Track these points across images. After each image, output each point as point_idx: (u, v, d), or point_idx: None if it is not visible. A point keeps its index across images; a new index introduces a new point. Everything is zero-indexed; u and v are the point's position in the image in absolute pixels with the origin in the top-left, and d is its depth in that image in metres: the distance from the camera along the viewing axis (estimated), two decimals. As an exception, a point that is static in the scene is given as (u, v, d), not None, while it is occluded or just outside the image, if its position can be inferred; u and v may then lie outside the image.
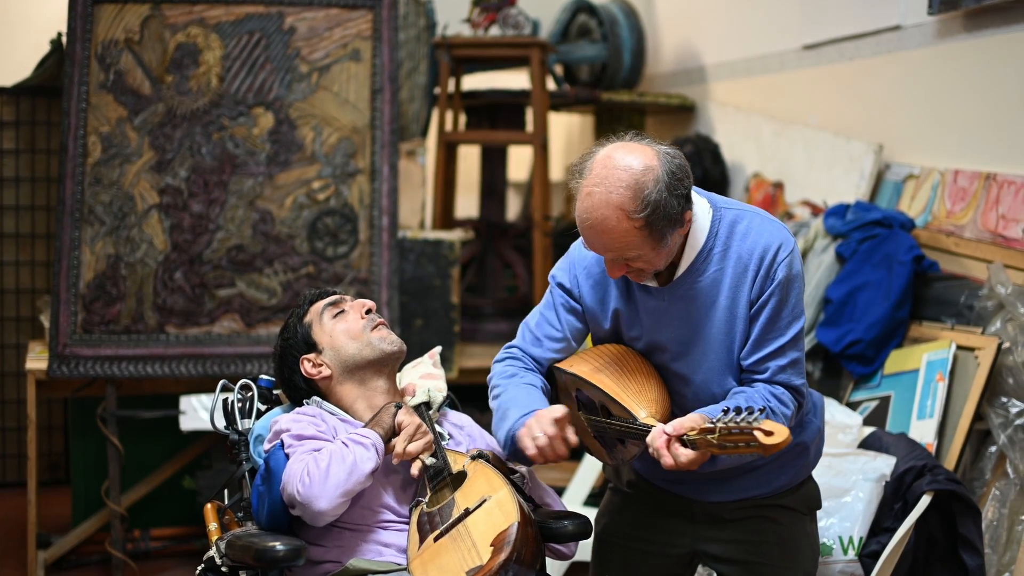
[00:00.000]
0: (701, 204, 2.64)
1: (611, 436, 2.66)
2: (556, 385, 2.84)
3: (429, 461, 2.75)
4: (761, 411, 2.27)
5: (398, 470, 2.79)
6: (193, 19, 4.80)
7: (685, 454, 2.40)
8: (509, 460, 2.76)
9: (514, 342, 2.88)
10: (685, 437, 2.40)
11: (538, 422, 2.60)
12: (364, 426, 2.75)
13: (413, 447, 2.72)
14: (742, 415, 2.28)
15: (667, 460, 2.42)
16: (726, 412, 2.31)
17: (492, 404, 2.80)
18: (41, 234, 5.93)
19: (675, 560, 2.87)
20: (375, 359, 2.90)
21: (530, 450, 2.59)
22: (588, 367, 2.71)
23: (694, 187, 2.60)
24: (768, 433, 2.22)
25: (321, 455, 2.63)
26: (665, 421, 2.53)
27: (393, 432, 2.74)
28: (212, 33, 4.82)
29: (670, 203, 2.46)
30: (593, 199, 2.47)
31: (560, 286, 2.80)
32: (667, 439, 2.42)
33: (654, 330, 2.68)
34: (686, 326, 2.64)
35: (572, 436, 2.61)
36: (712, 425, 2.32)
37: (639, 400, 2.59)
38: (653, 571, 2.89)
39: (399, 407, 2.78)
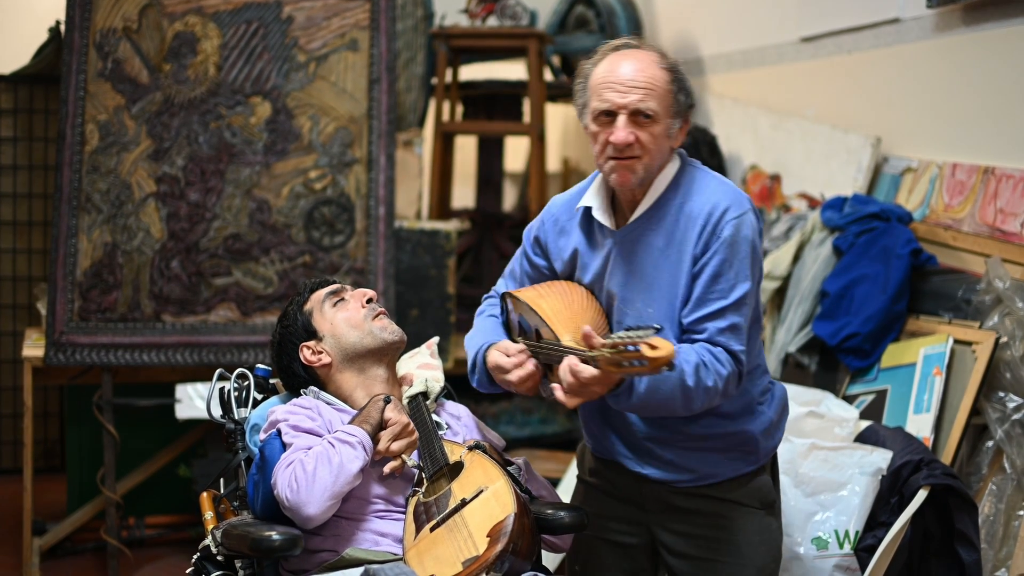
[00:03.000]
0: (674, 160, 2.73)
1: (542, 362, 2.69)
2: (507, 317, 2.91)
3: (411, 462, 2.75)
4: (657, 330, 2.30)
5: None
6: (191, 8, 4.79)
7: (579, 369, 2.44)
8: (480, 386, 2.84)
9: (496, 286, 3.03)
10: (587, 354, 2.43)
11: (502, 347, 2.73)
12: (352, 420, 2.75)
13: (396, 446, 2.73)
14: (633, 331, 2.31)
15: (567, 376, 2.47)
16: (627, 330, 2.34)
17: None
18: (38, 222, 5.92)
19: (638, 551, 2.90)
20: (376, 348, 2.91)
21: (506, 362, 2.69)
22: (532, 293, 2.78)
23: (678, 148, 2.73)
24: (653, 347, 2.26)
25: (308, 459, 2.62)
26: None
27: (381, 426, 2.74)
28: (210, 22, 4.81)
29: (687, 85, 2.66)
30: (625, 50, 2.66)
31: (529, 234, 2.93)
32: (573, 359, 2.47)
33: (606, 273, 2.74)
34: (633, 274, 2.70)
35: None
36: (611, 340, 2.35)
37: (568, 326, 2.61)
38: (618, 562, 2.91)
39: (388, 400, 2.78)
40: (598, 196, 2.76)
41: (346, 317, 2.94)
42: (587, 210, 2.78)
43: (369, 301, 2.98)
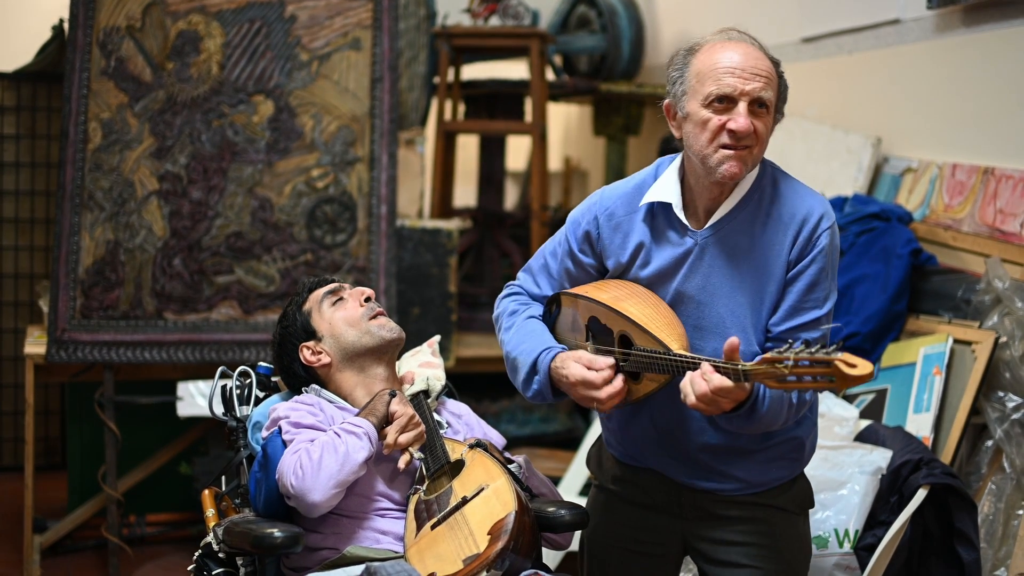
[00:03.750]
0: None
1: (627, 369, 2.53)
2: (556, 318, 2.76)
3: (417, 455, 2.75)
4: (838, 346, 2.13)
5: (395, 458, 2.80)
6: (194, 7, 4.79)
7: (720, 380, 2.29)
8: (536, 397, 2.66)
9: (517, 280, 2.86)
10: (731, 366, 2.28)
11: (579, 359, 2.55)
12: (358, 414, 2.76)
13: (404, 438, 2.73)
14: (815, 347, 2.14)
15: (701, 386, 2.30)
16: (790, 344, 2.18)
17: (502, 338, 2.76)
18: (41, 219, 5.93)
19: (667, 560, 2.80)
20: (374, 346, 2.91)
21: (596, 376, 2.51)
22: (608, 295, 2.59)
23: None
24: (851, 365, 2.07)
25: (313, 447, 2.63)
26: None
27: (387, 420, 2.74)
28: (213, 21, 4.81)
29: (785, 80, 2.58)
30: (737, 39, 2.56)
31: (575, 229, 2.74)
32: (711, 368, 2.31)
33: (679, 276, 2.59)
34: (717, 274, 2.57)
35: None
36: (780, 355, 2.17)
37: (670, 332, 2.46)
38: (645, 573, 2.81)
39: (393, 395, 2.78)
40: (675, 192, 2.62)
41: (344, 316, 2.94)
42: (655, 206, 2.63)
43: (367, 300, 2.97)
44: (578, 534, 2.94)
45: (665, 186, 2.62)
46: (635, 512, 2.79)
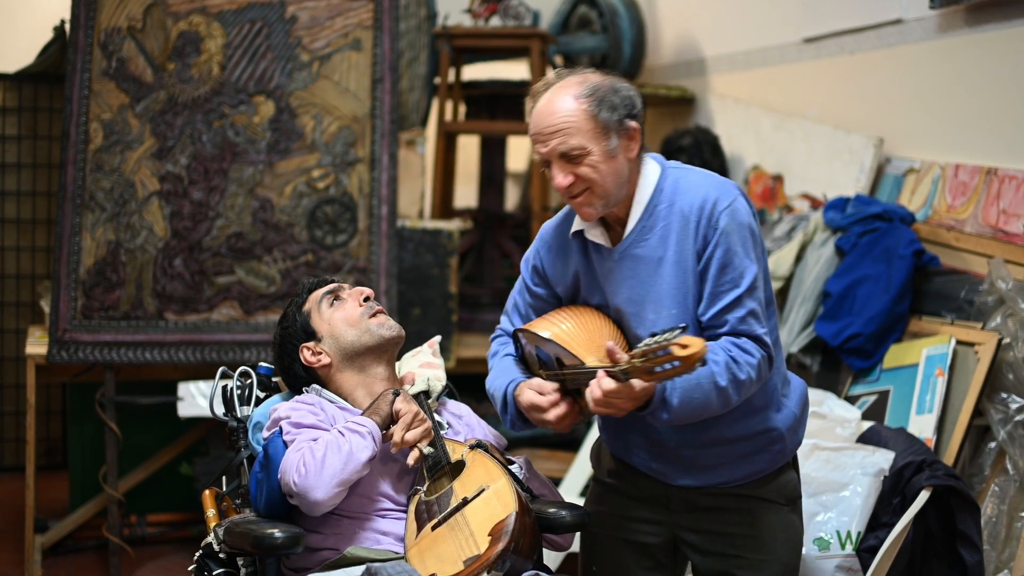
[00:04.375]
0: (651, 164, 2.70)
1: (571, 389, 2.67)
2: (522, 352, 2.89)
3: (427, 450, 2.74)
4: (683, 329, 2.29)
5: (397, 458, 2.79)
6: (195, 7, 4.79)
7: (607, 384, 2.44)
8: (513, 427, 2.80)
9: (500, 323, 2.99)
10: (616, 369, 2.42)
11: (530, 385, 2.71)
12: (362, 414, 2.75)
13: (411, 435, 2.72)
14: (658, 335, 2.31)
15: (595, 392, 2.47)
16: (652, 335, 2.34)
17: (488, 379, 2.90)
18: (42, 220, 5.93)
19: (658, 549, 2.87)
20: (374, 345, 2.91)
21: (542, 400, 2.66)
22: (544, 323, 2.74)
23: (652, 153, 2.72)
24: (684, 346, 2.25)
25: (317, 445, 2.63)
26: None
27: (391, 419, 2.74)
28: (214, 21, 4.81)
29: (613, 98, 2.59)
30: (545, 92, 2.64)
31: (527, 265, 2.90)
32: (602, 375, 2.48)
33: (611, 293, 2.71)
34: (638, 285, 2.66)
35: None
36: (639, 350, 2.35)
37: (588, 347, 2.60)
38: (638, 561, 2.88)
39: (397, 394, 2.78)
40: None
41: (343, 316, 2.94)
42: (581, 232, 2.75)
43: (367, 299, 2.97)
44: (579, 534, 2.96)
45: None
46: (627, 503, 2.87)
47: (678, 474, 2.77)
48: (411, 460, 2.73)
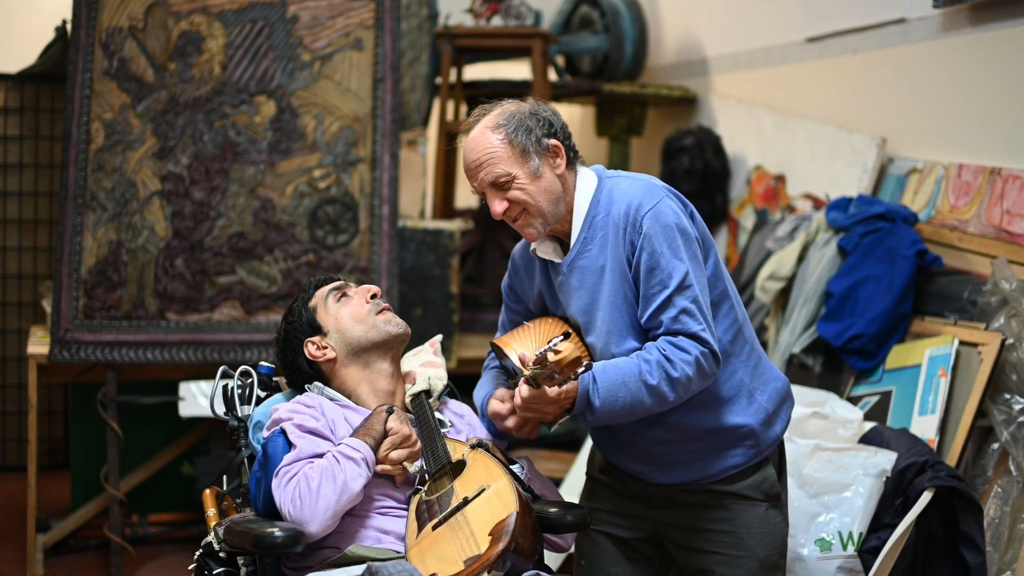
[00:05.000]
0: (588, 176, 2.80)
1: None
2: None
3: (412, 468, 2.75)
4: (564, 336, 2.51)
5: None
6: (196, 7, 4.79)
7: (524, 392, 2.59)
8: (495, 435, 2.92)
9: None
10: (528, 375, 2.54)
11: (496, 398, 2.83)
12: (356, 431, 2.75)
13: (396, 454, 2.74)
14: (547, 344, 2.47)
15: (516, 399, 2.64)
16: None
17: None
18: (43, 220, 5.93)
19: (645, 544, 2.95)
20: (380, 341, 2.92)
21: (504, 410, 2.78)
22: (507, 336, 2.90)
23: (592, 166, 2.83)
24: (556, 352, 2.48)
25: (312, 473, 2.63)
26: None
27: (384, 437, 2.75)
28: (215, 21, 4.81)
29: (530, 122, 2.72)
30: (470, 131, 2.78)
31: (505, 284, 3.04)
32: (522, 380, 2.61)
33: (565, 305, 2.82)
34: (586, 294, 2.75)
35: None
36: (534, 359, 2.49)
37: (519, 349, 2.77)
38: (625, 554, 2.95)
39: (391, 412, 2.78)
40: (543, 236, 2.82)
41: (351, 312, 2.94)
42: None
43: (373, 297, 2.98)
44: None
45: None
46: (615, 500, 2.96)
47: (656, 472, 2.84)
48: (398, 479, 2.76)
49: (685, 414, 2.74)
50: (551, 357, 2.44)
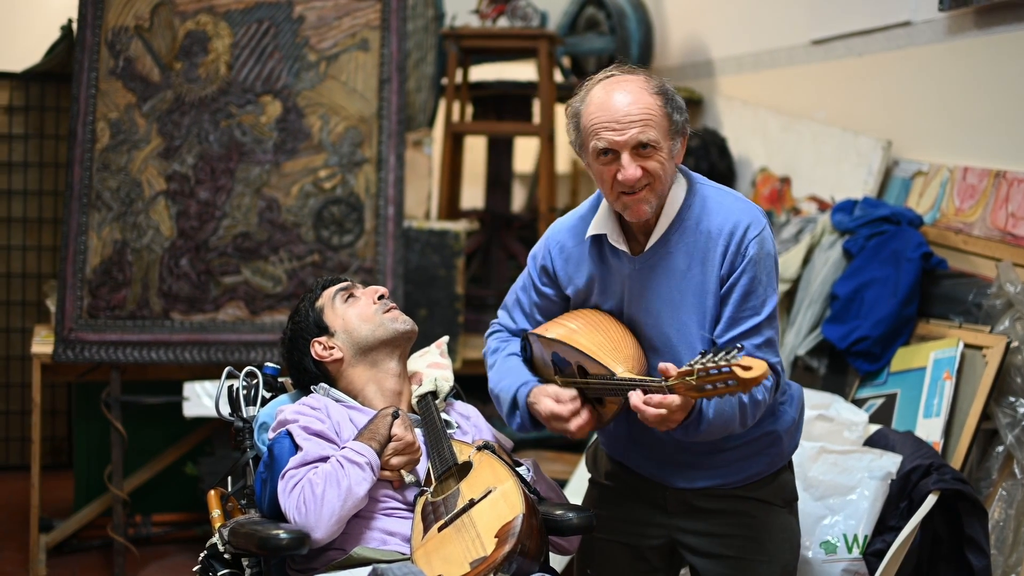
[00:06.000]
0: (679, 178, 2.69)
1: (591, 396, 2.68)
2: (531, 354, 2.88)
3: (409, 479, 2.75)
4: (739, 349, 2.29)
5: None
6: (203, 7, 4.79)
7: (671, 400, 2.43)
8: (521, 429, 2.81)
9: (497, 318, 2.99)
10: (665, 383, 2.41)
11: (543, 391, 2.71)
12: (359, 434, 2.75)
13: (396, 460, 2.73)
14: (720, 354, 2.30)
15: (649, 411, 2.44)
16: (703, 355, 2.33)
17: (489, 375, 2.90)
18: (48, 219, 5.93)
19: (655, 552, 2.89)
20: (388, 339, 2.92)
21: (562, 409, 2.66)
22: (563, 330, 2.73)
23: (678, 164, 2.68)
24: (746, 368, 2.25)
25: (316, 479, 2.63)
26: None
27: (388, 441, 2.74)
28: (221, 21, 4.81)
29: (679, 101, 2.61)
30: (612, 82, 2.60)
31: (535, 264, 2.88)
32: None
33: (628, 300, 2.71)
34: (657, 297, 2.67)
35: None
36: (691, 367, 2.34)
37: (615, 356, 2.60)
38: (633, 564, 2.90)
39: (396, 416, 2.77)
40: (609, 222, 2.72)
41: (358, 312, 2.95)
42: (597, 236, 2.74)
43: (380, 298, 2.99)
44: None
45: (602, 217, 2.74)
46: (625, 506, 2.90)
47: (676, 476, 2.79)
48: (395, 484, 2.75)
49: None
50: (739, 372, 2.26)
